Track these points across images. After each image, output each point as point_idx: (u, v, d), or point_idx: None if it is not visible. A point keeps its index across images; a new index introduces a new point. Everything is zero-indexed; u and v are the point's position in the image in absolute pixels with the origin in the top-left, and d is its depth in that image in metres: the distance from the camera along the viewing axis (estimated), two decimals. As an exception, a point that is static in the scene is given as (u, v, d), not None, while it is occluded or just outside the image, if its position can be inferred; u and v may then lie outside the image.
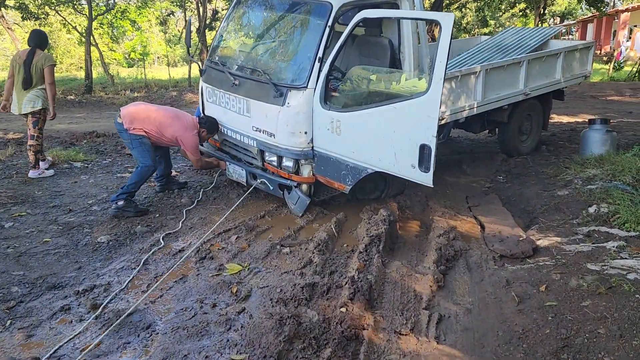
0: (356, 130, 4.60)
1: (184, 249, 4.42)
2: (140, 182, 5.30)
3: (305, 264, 3.95)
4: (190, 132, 5.32)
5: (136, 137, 5.21)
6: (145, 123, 5.24)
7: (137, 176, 5.25)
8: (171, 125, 5.30)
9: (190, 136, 5.31)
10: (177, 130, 5.29)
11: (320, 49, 4.80)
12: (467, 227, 4.78)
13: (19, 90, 6.16)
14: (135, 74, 27.80)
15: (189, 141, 5.32)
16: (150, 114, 5.33)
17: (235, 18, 6.04)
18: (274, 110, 4.99)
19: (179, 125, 5.31)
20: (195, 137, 5.36)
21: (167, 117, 5.36)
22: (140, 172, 5.25)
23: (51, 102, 6.30)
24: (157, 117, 5.31)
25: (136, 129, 5.20)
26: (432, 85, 3.97)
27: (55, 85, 6.44)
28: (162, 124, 5.27)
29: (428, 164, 4.16)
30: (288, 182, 5.19)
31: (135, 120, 5.22)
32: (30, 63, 6.07)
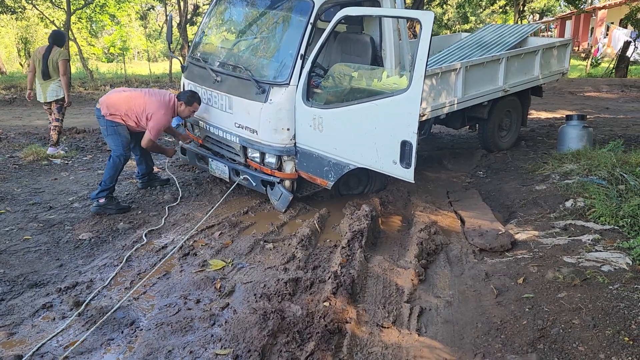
0: (338, 127, 4.64)
1: (167, 246, 4.43)
2: (115, 174, 5.22)
3: (289, 260, 3.99)
4: (162, 111, 5.16)
5: (112, 124, 5.15)
6: (122, 106, 5.12)
7: (110, 169, 5.19)
8: (147, 103, 5.15)
9: (160, 114, 5.15)
10: (151, 107, 5.14)
11: (303, 46, 4.82)
12: (447, 222, 4.86)
13: (40, 81, 7.20)
14: (115, 69, 27.47)
15: (157, 119, 5.14)
16: (128, 96, 5.22)
17: (217, 14, 6.04)
18: (256, 107, 5.00)
19: (154, 103, 5.17)
20: (168, 118, 5.25)
21: (143, 95, 5.23)
22: (112, 164, 5.20)
23: (66, 91, 7.28)
24: (134, 97, 5.20)
25: (113, 114, 5.12)
26: (413, 82, 4.02)
27: (68, 76, 7.43)
28: (138, 105, 5.14)
29: (409, 160, 4.22)
30: (271, 179, 5.22)
31: (113, 106, 5.13)
32: (47, 57, 7.07)
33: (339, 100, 4.79)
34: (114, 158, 5.21)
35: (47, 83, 7.20)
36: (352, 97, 4.71)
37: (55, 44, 7.22)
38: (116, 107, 5.12)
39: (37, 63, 7.16)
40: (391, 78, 4.71)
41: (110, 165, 5.21)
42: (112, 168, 5.20)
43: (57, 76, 7.18)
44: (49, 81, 7.19)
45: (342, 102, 4.71)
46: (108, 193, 5.18)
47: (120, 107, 5.13)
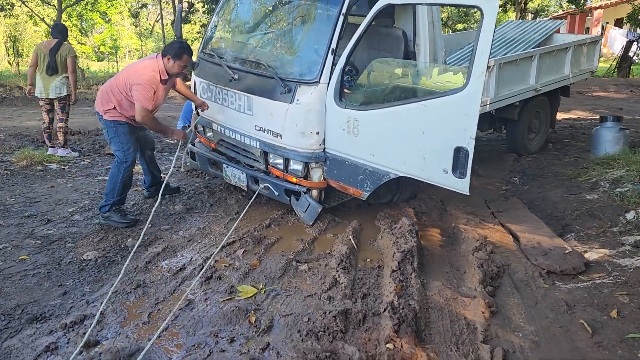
0: (377, 131, 4.11)
1: (185, 267, 3.86)
2: (116, 186, 4.60)
3: (331, 285, 3.44)
4: (144, 72, 4.29)
5: (112, 124, 4.53)
6: (110, 92, 4.45)
7: (110, 180, 4.61)
8: (129, 73, 4.38)
9: (142, 76, 4.26)
10: (133, 75, 4.30)
11: (334, 40, 4.29)
12: (497, 237, 4.34)
13: (44, 76, 6.77)
14: (107, 68, 26.78)
15: (138, 81, 4.23)
16: (115, 80, 4.50)
17: (232, 4, 5.48)
18: (281, 108, 4.46)
19: (135, 69, 4.38)
20: (149, 77, 4.28)
21: (129, 70, 4.48)
22: (111, 174, 4.62)
23: (73, 89, 6.89)
24: (118, 76, 4.50)
25: (108, 110, 4.48)
26: (472, 79, 3.50)
27: (77, 73, 7.08)
28: (122, 81, 4.37)
29: (464, 169, 3.70)
30: (296, 188, 4.68)
31: (103, 98, 4.50)
32: (55, 52, 6.69)
33: (379, 100, 4.26)
34: (113, 166, 4.65)
35: (51, 78, 6.78)
36: (394, 97, 4.19)
37: (63, 38, 6.90)
38: (108, 97, 4.48)
39: (42, 57, 6.71)
40: (444, 75, 4.18)
41: (110, 175, 4.65)
42: (112, 178, 4.61)
43: (64, 72, 6.80)
44: (54, 77, 6.78)
45: (383, 102, 4.18)
46: (116, 204, 4.63)
47: (108, 94, 4.48)
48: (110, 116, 4.51)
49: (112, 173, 4.62)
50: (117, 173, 4.59)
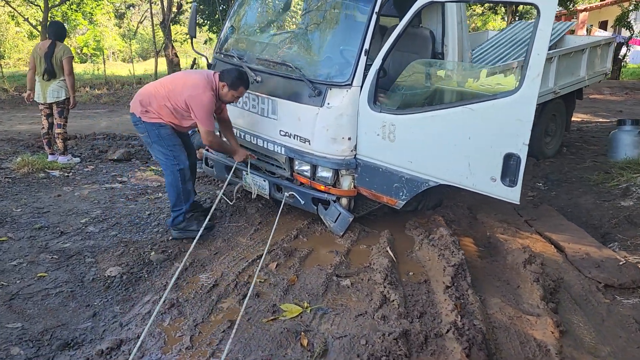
0: (416, 136, 3.90)
1: (217, 283, 3.61)
2: (180, 192, 4.29)
3: (381, 303, 3.22)
4: (202, 90, 4.03)
5: (153, 127, 4.14)
6: (154, 97, 4.12)
7: (171, 190, 4.28)
8: (182, 87, 4.07)
9: (200, 94, 4.01)
10: (187, 89, 4.04)
11: (367, 40, 4.09)
12: (539, 247, 4.16)
13: (41, 81, 6.49)
14: (92, 70, 26.25)
15: (198, 102, 4.00)
16: (159, 83, 4.23)
17: (252, 1, 5.22)
18: (310, 112, 4.25)
19: (190, 84, 4.07)
20: (210, 96, 4.05)
21: (177, 79, 4.22)
22: (169, 183, 4.27)
23: (71, 92, 6.56)
24: (166, 82, 4.19)
25: (149, 112, 4.12)
26: (527, 82, 3.32)
27: (74, 75, 6.64)
28: (173, 92, 4.09)
29: (515, 177, 3.51)
30: (325, 196, 4.46)
31: (144, 100, 4.13)
32: (51, 55, 6.35)
33: (418, 104, 4.06)
34: (166, 174, 4.30)
35: (49, 82, 6.48)
36: (436, 100, 3.98)
37: (57, 39, 6.51)
38: (148, 100, 4.13)
39: (39, 61, 6.42)
40: (493, 77, 4.00)
41: (167, 184, 4.32)
42: (172, 187, 4.28)
43: (61, 75, 6.50)
44: (52, 80, 6.48)
45: (422, 106, 3.97)
46: (188, 214, 4.37)
47: (151, 98, 4.13)
48: (149, 118, 4.15)
49: (170, 182, 4.29)
50: (175, 180, 4.26)
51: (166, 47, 19.26)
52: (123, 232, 4.47)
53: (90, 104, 14.14)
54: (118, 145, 8.25)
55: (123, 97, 14.71)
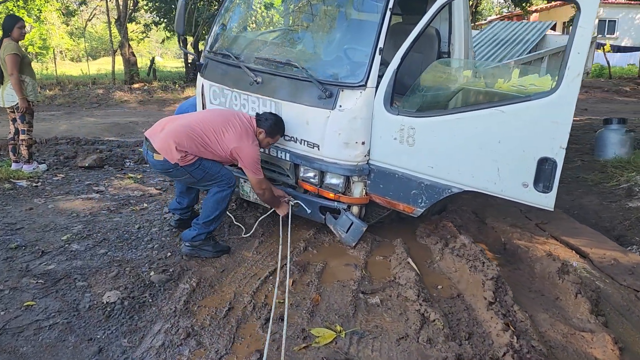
0: (438, 140, 3.66)
1: (233, 306, 3.26)
2: (221, 213, 4.00)
3: (422, 323, 2.95)
4: (247, 140, 3.83)
5: (194, 166, 3.79)
6: (194, 142, 3.76)
7: (214, 207, 3.91)
8: (225, 137, 3.82)
9: (248, 146, 3.82)
10: (232, 141, 3.81)
11: (381, 39, 3.82)
12: (561, 254, 4.00)
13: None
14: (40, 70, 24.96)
15: (246, 153, 3.80)
16: (195, 128, 3.81)
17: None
18: (319, 116, 3.94)
19: (233, 135, 3.82)
20: (256, 147, 3.89)
21: (216, 126, 3.86)
22: (215, 201, 3.91)
23: (17, 94, 5.77)
24: (205, 130, 3.82)
25: (187, 155, 3.73)
26: (565, 82, 3.13)
27: (17, 75, 5.72)
28: (214, 141, 3.82)
29: (549, 182, 3.33)
30: (335, 205, 4.17)
31: (182, 145, 3.70)
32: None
33: (441, 106, 3.82)
34: (214, 192, 3.94)
35: (3, 85, 5.91)
36: (462, 101, 3.75)
37: (5, 35, 5.80)
38: (185, 144, 3.72)
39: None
40: (527, 77, 3.78)
41: (210, 201, 3.92)
42: (214, 206, 3.92)
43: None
44: (6, 83, 5.88)
45: (445, 108, 3.74)
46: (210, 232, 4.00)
47: (187, 141, 3.74)
48: (188, 161, 3.76)
49: (215, 199, 3.91)
50: (222, 200, 3.92)
51: (122, 46, 18.42)
52: (113, 250, 4.03)
53: (44, 105, 13.30)
54: (85, 150, 7.67)
55: (80, 99, 13.94)
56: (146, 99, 14.37)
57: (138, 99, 14.37)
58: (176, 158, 3.69)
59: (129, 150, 7.92)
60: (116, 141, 8.64)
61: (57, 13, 32.41)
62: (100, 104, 13.58)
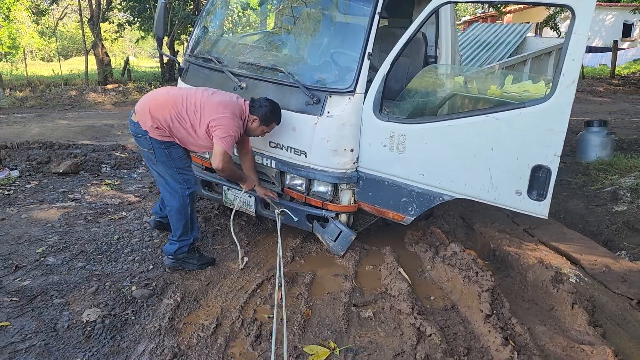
0: (430, 147, 3.58)
1: (220, 322, 3.13)
2: (188, 221, 3.72)
3: (418, 338, 2.86)
4: (227, 114, 3.47)
5: (160, 145, 3.54)
6: (167, 110, 3.46)
7: (177, 216, 3.67)
8: (207, 103, 3.49)
9: (227, 118, 3.45)
10: (212, 110, 3.46)
11: (370, 43, 3.73)
12: (552, 260, 3.95)
13: None
14: (9, 70, 24.32)
15: (223, 123, 3.43)
16: (177, 96, 3.55)
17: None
18: (306, 122, 3.84)
19: (217, 104, 3.49)
20: (237, 124, 3.52)
21: (200, 93, 3.57)
22: (175, 210, 3.66)
23: None
24: (186, 96, 3.54)
25: (159, 128, 3.49)
26: (559, 89, 3.07)
27: None
28: (193, 106, 3.49)
29: (543, 190, 3.27)
30: (323, 213, 4.06)
31: (157, 113, 3.46)
32: None
33: (432, 112, 3.74)
34: (170, 198, 3.67)
35: None
36: (454, 108, 3.68)
37: None
38: (161, 113, 3.48)
39: None
40: (521, 84, 3.72)
41: (172, 210, 3.69)
42: (178, 213, 3.66)
43: None
44: None
45: (437, 114, 3.66)
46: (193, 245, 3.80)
47: (165, 111, 3.48)
48: (159, 134, 3.53)
49: (176, 208, 3.66)
50: (183, 206, 3.66)
51: (95, 45, 18.00)
52: (92, 263, 3.85)
53: (14, 107, 12.93)
54: (59, 155, 7.40)
55: (52, 100, 13.56)
56: (121, 101, 14.04)
57: (113, 100, 14.03)
58: (148, 124, 3.48)
59: (105, 155, 7.68)
60: (91, 145, 8.37)
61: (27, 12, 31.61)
62: (73, 106, 13.22)
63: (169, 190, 3.71)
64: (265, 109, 3.63)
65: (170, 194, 3.71)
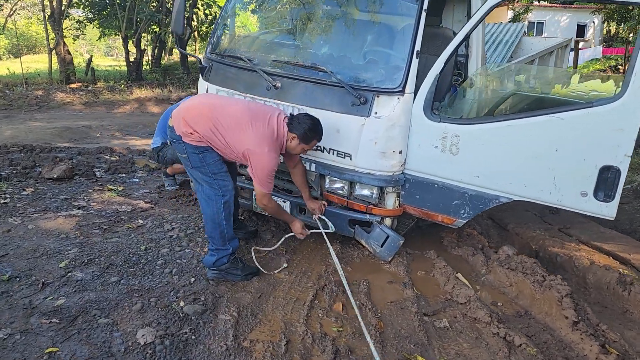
0: (486, 149, 3.48)
1: (289, 339, 2.92)
2: (222, 228, 3.47)
3: (509, 349, 2.74)
4: (265, 147, 3.27)
5: (195, 150, 3.34)
6: (208, 125, 3.30)
7: (211, 224, 3.46)
8: (243, 132, 3.29)
9: (264, 154, 3.26)
10: (248, 140, 3.28)
11: (418, 41, 3.61)
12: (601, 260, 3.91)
13: None
14: (-41, 69, 22.92)
15: (259, 160, 3.27)
16: (213, 112, 3.35)
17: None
18: (352, 124, 3.67)
19: (253, 135, 3.28)
20: (274, 159, 3.32)
21: (239, 118, 3.33)
22: (209, 216, 3.44)
23: None
24: (225, 117, 3.32)
25: (193, 134, 3.31)
26: (631, 89, 3.01)
27: None
28: (231, 131, 3.30)
29: (611, 191, 3.22)
30: (367, 217, 3.90)
31: (192, 121, 3.31)
32: None
33: (489, 112, 3.63)
34: (203, 204, 3.47)
35: None
36: (514, 107, 3.58)
37: None
38: (196, 122, 3.31)
39: None
40: (588, 83, 3.65)
41: (208, 219, 3.47)
42: (211, 221, 3.45)
43: None
44: None
45: (495, 114, 3.55)
46: (233, 255, 3.53)
47: (200, 122, 3.31)
48: (192, 140, 3.32)
49: (210, 216, 3.44)
50: (217, 215, 3.42)
51: (57, 43, 17.17)
52: (126, 277, 3.57)
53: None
54: (43, 159, 6.96)
55: (17, 101, 12.82)
56: (92, 101, 13.42)
57: (82, 100, 13.40)
58: (182, 130, 3.32)
59: (93, 158, 7.26)
60: (75, 148, 7.91)
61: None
62: (40, 107, 12.54)
63: (204, 196, 3.50)
64: (304, 126, 3.40)
65: (204, 201, 3.50)
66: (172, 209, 4.97)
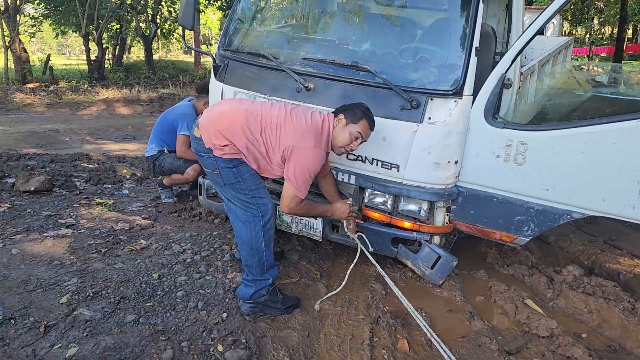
0: (559, 158, 3.08)
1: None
2: (261, 255, 2.95)
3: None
4: (310, 141, 2.81)
5: (228, 164, 2.82)
6: (240, 131, 2.81)
7: (251, 249, 2.92)
8: (282, 131, 2.83)
9: (308, 148, 2.81)
10: (288, 136, 2.81)
11: (476, 36, 3.19)
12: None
13: None
14: None
15: (302, 155, 2.80)
16: (250, 117, 2.84)
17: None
18: (402, 131, 3.22)
19: (294, 128, 2.83)
20: (320, 155, 2.87)
21: (277, 111, 2.89)
22: (245, 240, 2.92)
23: None
24: (260, 114, 2.85)
25: (229, 145, 2.79)
26: None
27: None
28: (268, 128, 2.83)
29: None
30: (414, 236, 3.45)
31: (227, 132, 2.80)
32: None
33: (563, 117, 3.24)
34: (243, 228, 2.93)
35: None
36: (592, 111, 3.19)
37: None
38: (231, 133, 2.81)
39: None
40: None
41: (244, 244, 2.94)
42: (249, 245, 2.92)
43: None
44: None
45: (569, 119, 3.16)
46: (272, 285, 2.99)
47: (236, 134, 2.81)
48: (225, 153, 2.80)
49: (247, 239, 2.92)
50: (255, 239, 2.89)
51: (12, 41, 16.02)
52: (145, 315, 3.00)
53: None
54: (12, 167, 6.23)
55: (-27, 103, 11.80)
56: (55, 102, 12.50)
57: (44, 101, 12.46)
58: (214, 144, 2.79)
59: (69, 166, 6.57)
60: (46, 155, 7.16)
61: None
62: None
63: (239, 218, 2.96)
64: (352, 106, 2.98)
65: (240, 223, 2.97)
66: (176, 226, 4.40)
